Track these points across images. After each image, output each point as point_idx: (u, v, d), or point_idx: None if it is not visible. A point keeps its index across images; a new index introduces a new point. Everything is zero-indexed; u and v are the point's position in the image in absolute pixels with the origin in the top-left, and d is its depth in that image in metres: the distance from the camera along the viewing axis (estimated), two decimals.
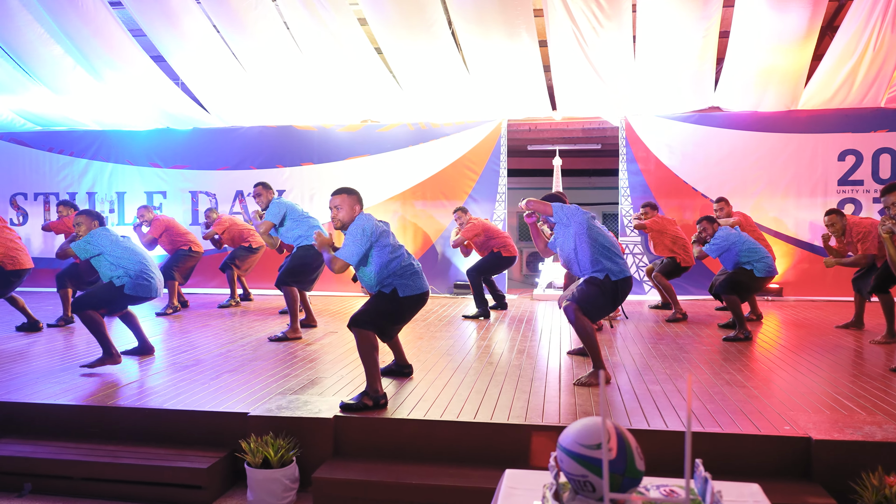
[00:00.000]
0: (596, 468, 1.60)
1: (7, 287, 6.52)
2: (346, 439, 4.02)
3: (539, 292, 10.01)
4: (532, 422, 3.97)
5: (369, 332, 4.30)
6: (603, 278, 4.76)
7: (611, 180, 12.91)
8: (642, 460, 1.66)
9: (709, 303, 9.15)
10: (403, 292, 4.39)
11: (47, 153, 11.23)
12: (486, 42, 8.52)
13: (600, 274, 4.77)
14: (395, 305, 4.39)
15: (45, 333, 6.94)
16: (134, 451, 4.06)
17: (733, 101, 9.51)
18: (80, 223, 5.42)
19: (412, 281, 4.43)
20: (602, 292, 4.75)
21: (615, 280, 4.77)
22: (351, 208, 4.47)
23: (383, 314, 4.39)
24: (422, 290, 4.48)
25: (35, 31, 8.92)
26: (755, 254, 6.66)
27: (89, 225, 5.43)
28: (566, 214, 4.84)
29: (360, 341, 4.28)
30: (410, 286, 4.41)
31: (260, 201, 6.99)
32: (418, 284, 4.45)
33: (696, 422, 3.91)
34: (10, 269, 6.44)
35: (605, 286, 4.76)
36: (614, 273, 4.77)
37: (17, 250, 6.49)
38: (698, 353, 5.91)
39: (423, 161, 10.31)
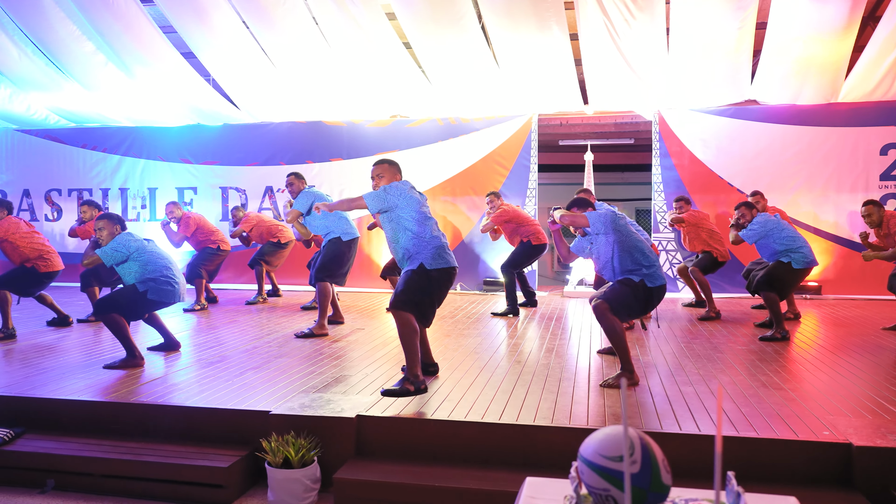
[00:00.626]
0: (618, 482, 1.50)
1: (38, 286, 6.60)
2: (368, 439, 3.94)
3: (570, 289, 9.86)
4: (559, 423, 3.86)
5: (409, 315, 4.30)
6: (638, 282, 4.63)
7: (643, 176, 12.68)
8: (669, 474, 1.55)
9: (744, 301, 8.93)
10: (431, 265, 4.38)
11: (81, 149, 11.36)
12: (516, 35, 8.39)
13: (636, 277, 4.64)
14: (426, 279, 4.38)
15: (74, 329, 7.00)
16: (155, 448, 4.03)
17: (770, 94, 9.26)
18: (101, 228, 5.36)
19: (440, 254, 4.44)
20: (634, 295, 4.62)
21: (650, 287, 4.64)
22: (392, 177, 4.65)
23: (416, 290, 4.37)
24: (449, 264, 4.47)
25: (67, 28, 9.00)
26: (793, 242, 6.45)
27: (111, 230, 5.36)
28: (603, 223, 4.73)
29: (400, 325, 4.30)
30: (438, 260, 4.41)
31: (292, 190, 7.05)
32: (446, 259, 4.47)
33: (730, 426, 3.77)
34: (43, 271, 6.53)
35: (638, 290, 4.62)
36: (650, 279, 4.64)
37: (49, 253, 6.60)
38: (733, 353, 5.73)
39: (452, 156, 10.21)
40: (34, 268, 6.50)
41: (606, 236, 4.72)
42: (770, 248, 6.53)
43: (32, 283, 6.54)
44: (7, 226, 6.44)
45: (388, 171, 4.66)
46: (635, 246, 4.68)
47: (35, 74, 10.04)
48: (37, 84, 10.30)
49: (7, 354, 5.78)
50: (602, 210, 4.84)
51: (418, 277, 4.38)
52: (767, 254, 6.61)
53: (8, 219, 6.51)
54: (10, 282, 6.46)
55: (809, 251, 6.50)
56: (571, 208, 5.00)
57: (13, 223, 6.48)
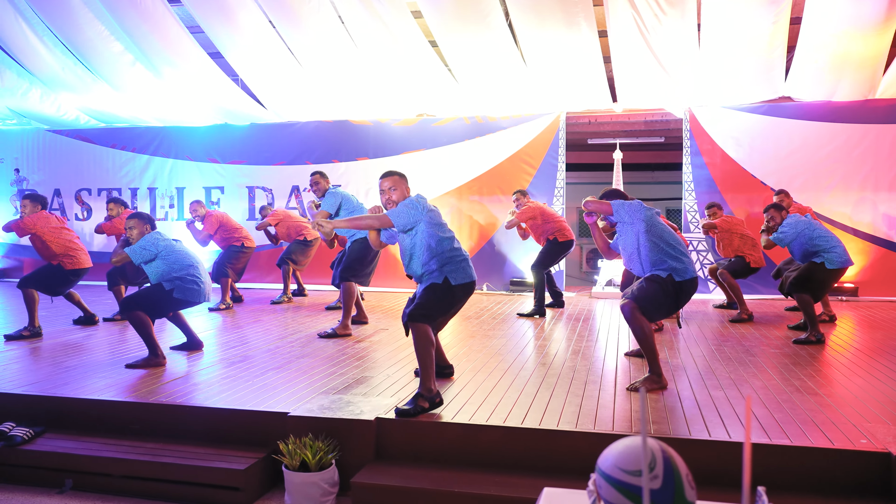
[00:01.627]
0: (637, 498, 1.39)
1: (66, 285, 6.62)
2: (387, 443, 3.87)
3: (598, 290, 9.70)
4: (584, 428, 3.74)
5: (426, 327, 4.14)
6: (665, 277, 4.48)
7: (673, 175, 12.46)
8: (694, 490, 1.44)
9: (777, 302, 8.71)
10: (455, 280, 4.24)
11: (110, 149, 11.46)
12: (544, 33, 8.26)
13: (663, 272, 4.49)
14: (449, 295, 4.24)
15: (100, 327, 7.02)
16: (173, 449, 3.99)
17: (805, 91, 9.02)
18: (132, 227, 5.38)
19: (462, 268, 4.29)
20: (664, 291, 4.47)
21: (679, 281, 4.48)
22: (404, 189, 4.44)
23: (438, 306, 4.23)
24: (471, 278, 4.34)
25: (95, 28, 9.07)
26: (826, 241, 6.23)
27: (142, 229, 5.39)
28: (628, 212, 4.60)
29: (416, 337, 4.13)
30: (461, 274, 4.27)
31: (317, 189, 6.98)
32: (468, 272, 4.33)
33: (763, 433, 3.63)
34: (69, 269, 6.54)
35: (666, 285, 4.47)
36: (678, 272, 4.49)
37: (76, 250, 6.60)
38: (765, 356, 5.56)
39: (479, 155, 10.12)
40: (60, 265, 6.52)
41: (632, 226, 4.59)
42: (802, 248, 6.33)
43: (59, 281, 6.56)
44: (37, 220, 6.48)
45: (400, 184, 4.43)
46: (661, 237, 4.54)
47: (64, 75, 10.14)
48: (66, 85, 10.41)
49: (32, 353, 5.80)
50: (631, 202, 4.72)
51: (443, 293, 4.23)
52: (799, 255, 6.40)
53: (40, 213, 6.54)
54: (38, 281, 6.50)
55: (843, 251, 6.27)
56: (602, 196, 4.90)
57: (43, 217, 6.52)
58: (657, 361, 4.49)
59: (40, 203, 6.63)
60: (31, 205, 6.57)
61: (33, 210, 6.56)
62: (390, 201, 4.40)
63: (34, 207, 6.57)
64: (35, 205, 6.58)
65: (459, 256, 4.31)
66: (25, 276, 6.57)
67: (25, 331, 6.36)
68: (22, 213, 6.61)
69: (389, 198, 4.41)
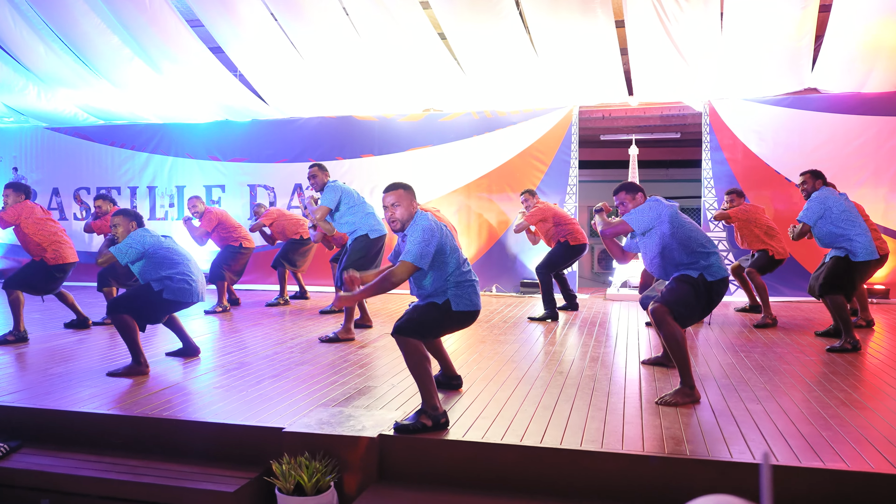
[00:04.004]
0: None
1: (51, 282, 6.24)
2: (391, 462, 3.48)
3: (613, 292, 9.30)
4: (610, 448, 3.35)
5: (416, 341, 3.72)
6: (697, 277, 4.10)
7: (690, 172, 12.06)
8: None
9: (803, 305, 8.30)
10: (457, 306, 3.80)
11: (109, 147, 11.13)
12: (557, 22, 7.87)
13: (694, 272, 4.12)
14: (446, 318, 3.81)
15: (91, 332, 6.65)
16: (157, 467, 3.62)
17: (833, 82, 8.61)
18: (117, 224, 5.01)
19: (469, 294, 3.84)
20: (695, 293, 4.09)
21: (711, 281, 4.10)
22: (410, 204, 3.83)
23: (430, 325, 3.81)
24: (476, 307, 3.88)
25: (91, 21, 8.73)
26: (853, 226, 5.59)
27: (127, 226, 5.01)
28: (648, 221, 4.23)
29: (406, 352, 3.70)
30: (465, 300, 3.83)
31: (314, 183, 6.47)
32: (474, 300, 3.86)
33: (812, 454, 3.23)
34: (52, 265, 6.16)
35: (698, 286, 4.10)
36: (710, 272, 4.11)
37: (60, 244, 6.20)
38: (800, 364, 5.15)
39: (488, 151, 9.73)
40: (43, 261, 6.14)
41: (656, 229, 4.23)
42: (828, 230, 5.68)
43: (43, 278, 6.17)
44: (20, 210, 6.08)
45: (405, 199, 3.81)
46: (689, 236, 4.17)
47: (62, 71, 9.83)
48: (64, 81, 10.09)
49: (15, 360, 5.44)
50: (646, 204, 4.34)
51: (440, 315, 3.79)
52: (825, 237, 5.74)
53: (24, 203, 6.14)
54: (21, 281, 6.11)
55: (870, 241, 5.63)
56: (619, 193, 4.51)
57: (28, 207, 6.12)
58: (690, 372, 4.08)
59: (24, 193, 6.21)
60: (13, 194, 6.15)
61: (16, 200, 6.15)
62: (394, 219, 3.82)
63: (17, 197, 6.16)
64: (18, 194, 6.17)
65: (469, 281, 3.86)
66: (9, 277, 6.18)
67: (10, 335, 5.99)
68: (4, 203, 6.20)
69: (392, 214, 3.81)
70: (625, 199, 4.47)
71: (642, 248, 4.39)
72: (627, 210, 4.44)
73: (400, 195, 3.81)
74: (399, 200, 3.80)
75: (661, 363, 5.01)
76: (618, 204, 4.51)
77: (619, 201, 4.50)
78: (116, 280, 6.78)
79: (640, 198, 4.46)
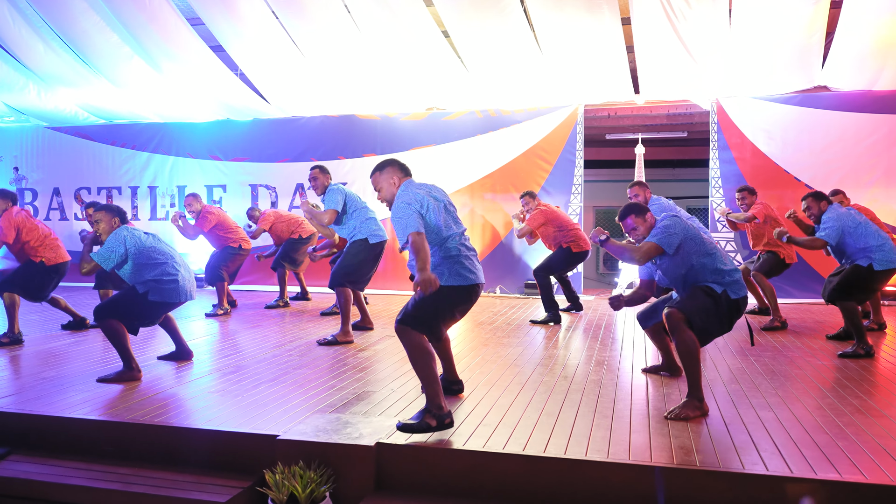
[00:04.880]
0: None
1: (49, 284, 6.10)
2: (389, 472, 3.35)
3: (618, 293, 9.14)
4: (616, 458, 3.22)
5: (419, 337, 3.59)
6: (721, 292, 3.90)
7: (697, 171, 11.91)
8: None
9: (813, 307, 8.15)
10: (447, 281, 3.66)
11: (110, 146, 11.04)
12: (563, 18, 7.74)
13: (718, 287, 3.92)
14: (439, 298, 3.63)
15: (88, 333, 6.53)
16: (148, 476, 3.49)
17: (843, 80, 8.45)
18: (99, 220, 4.81)
19: (458, 268, 3.69)
20: (717, 307, 3.88)
21: (735, 298, 3.91)
22: (389, 183, 3.83)
23: (426, 310, 3.64)
24: (469, 281, 3.70)
25: (90, 18, 8.62)
26: (875, 238, 5.45)
27: (109, 222, 4.80)
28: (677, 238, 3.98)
29: (409, 347, 3.58)
30: (455, 275, 3.68)
31: (315, 186, 6.30)
32: (465, 274, 3.69)
33: (829, 465, 3.09)
34: (50, 265, 6.04)
35: (720, 302, 3.89)
36: (734, 289, 3.92)
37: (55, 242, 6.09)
38: (812, 369, 5.00)
39: (492, 151, 9.60)
40: (42, 262, 5.98)
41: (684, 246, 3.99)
42: (848, 245, 5.56)
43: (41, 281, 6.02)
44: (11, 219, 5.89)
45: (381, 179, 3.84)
46: (710, 253, 3.97)
47: (62, 70, 9.74)
48: (64, 80, 10.00)
49: (8, 363, 5.31)
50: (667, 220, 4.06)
51: (435, 295, 3.64)
52: (847, 253, 5.61)
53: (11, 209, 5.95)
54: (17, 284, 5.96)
55: (893, 249, 5.51)
56: (626, 218, 4.19)
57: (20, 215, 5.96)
58: (700, 384, 3.86)
59: (10, 199, 6.04)
60: (1, 202, 6.00)
61: (4, 207, 5.97)
62: (382, 199, 3.88)
63: (4, 204, 5.98)
64: (5, 201, 6.00)
65: (460, 255, 3.71)
66: (4, 279, 6.04)
67: (4, 337, 5.86)
68: None
69: (380, 196, 3.89)
70: (635, 222, 4.18)
71: (662, 268, 4.14)
72: (640, 235, 4.17)
73: (377, 178, 3.90)
74: (379, 183, 3.89)
75: (665, 370, 4.79)
76: (628, 231, 4.22)
77: (629, 227, 4.19)
78: (113, 282, 6.65)
79: (650, 217, 4.20)
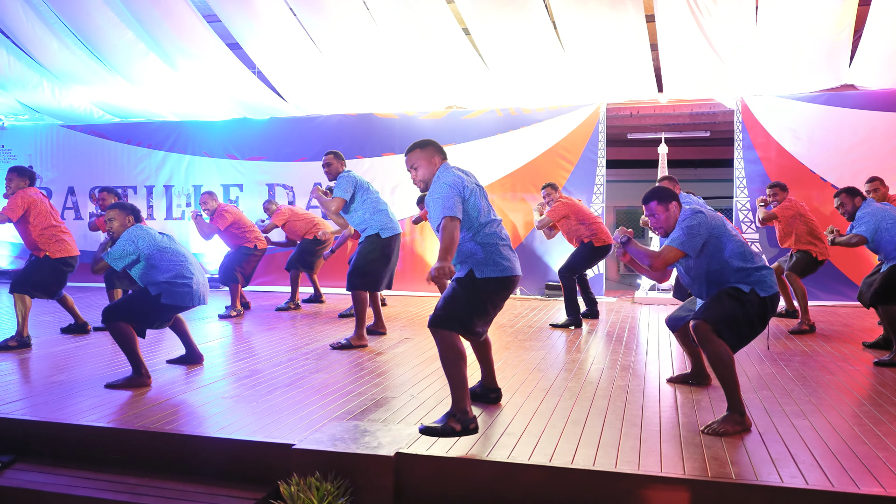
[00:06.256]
0: None
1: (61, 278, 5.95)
2: (409, 483, 3.22)
3: (641, 295, 8.97)
4: (648, 470, 3.06)
5: (454, 336, 3.46)
6: (749, 292, 3.65)
7: (720, 172, 11.70)
8: None
9: (840, 310, 7.94)
10: (482, 273, 3.54)
11: (125, 145, 10.96)
12: (586, 15, 7.57)
13: (746, 286, 3.67)
14: (474, 291, 3.53)
15: (92, 337, 6.34)
16: (158, 486, 3.37)
17: (871, 78, 8.23)
18: (112, 218, 4.70)
19: (494, 258, 3.56)
20: (745, 309, 3.63)
21: (765, 297, 3.66)
22: (429, 163, 3.72)
23: (466, 306, 3.53)
24: (506, 272, 3.58)
25: (105, 15, 8.54)
26: None
27: (123, 220, 4.69)
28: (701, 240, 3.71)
29: (442, 349, 3.46)
30: (491, 266, 3.55)
31: (329, 171, 6.16)
32: (502, 264, 3.58)
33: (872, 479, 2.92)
34: (57, 258, 5.86)
35: (751, 303, 3.64)
36: (763, 287, 3.67)
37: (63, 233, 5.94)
38: (846, 375, 4.82)
39: (512, 150, 9.43)
40: (47, 256, 5.82)
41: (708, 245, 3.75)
42: (888, 241, 5.28)
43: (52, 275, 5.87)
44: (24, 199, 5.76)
45: (422, 157, 3.71)
46: (740, 250, 3.73)
47: (76, 67, 9.66)
48: (78, 77, 9.93)
49: (14, 367, 5.19)
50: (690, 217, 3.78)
51: (464, 288, 3.54)
52: (888, 250, 5.32)
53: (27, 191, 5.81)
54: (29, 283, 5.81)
55: None
56: (649, 202, 3.89)
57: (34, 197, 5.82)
58: (739, 396, 3.61)
59: (28, 178, 5.87)
60: (17, 179, 5.80)
61: (19, 185, 5.80)
62: (417, 181, 3.75)
63: (21, 181, 5.81)
64: (22, 179, 5.81)
65: (492, 243, 3.59)
66: (15, 279, 5.89)
67: (12, 341, 5.71)
68: (7, 189, 5.80)
69: (415, 177, 3.76)
70: (657, 210, 3.84)
71: (685, 266, 3.89)
72: (660, 222, 3.86)
73: (416, 155, 3.75)
74: (416, 161, 3.74)
75: (691, 381, 4.56)
76: (648, 215, 3.93)
77: (650, 211, 3.89)
78: (120, 281, 6.52)
79: (674, 208, 3.84)
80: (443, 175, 3.63)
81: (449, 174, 3.63)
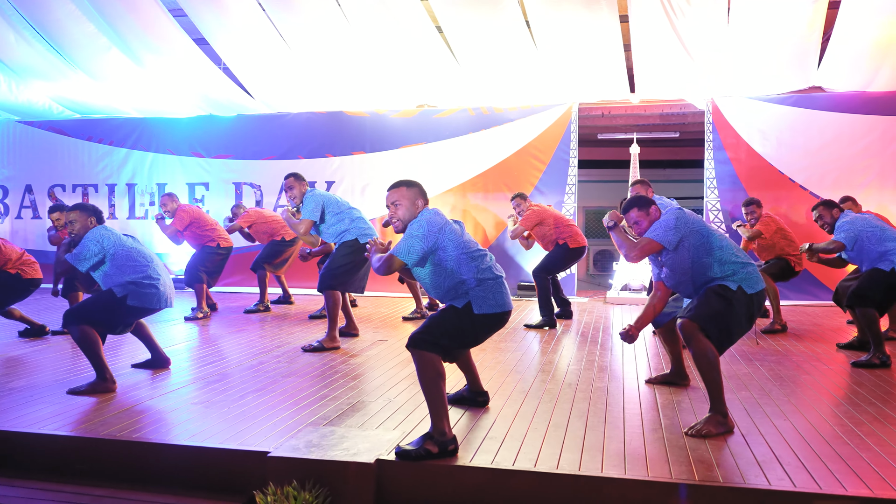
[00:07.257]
0: None
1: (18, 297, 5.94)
2: (391, 490, 3.11)
3: (613, 295, 8.96)
4: (634, 474, 3.01)
5: (433, 356, 3.34)
6: (736, 289, 3.64)
7: (690, 172, 11.77)
8: None
9: (809, 309, 8.01)
10: (480, 308, 3.42)
11: (86, 142, 10.65)
12: (559, 15, 7.52)
13: (732, 283, 3.66)
14: (468, 324, 3.43)
15: (50, 341, 6.10)
16: (124, 497, 3.22)
17: (839, 81, 8.32)
18: (73, 220, 4.52)
19: (492, 294, 3.45)
20: (732, 308, 3.61)
21: (751, 293, 3.65)
22: (412, 204, 3.53)
23: (450, 334, 3.42)
24: (503, 307, 3.48)
25: (65, 7, 8.23)
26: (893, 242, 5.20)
27: (84, 222, 4.52)
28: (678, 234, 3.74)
29: (420, 368, 3.32)
30: (490, 301, 3.44)
31: (292, 195, 5.99)
32: (499, 300, 3.47)
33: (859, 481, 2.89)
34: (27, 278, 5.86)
35: (737, 299, 3.62)
36: (749, 282, 3.66)
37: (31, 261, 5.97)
38: (821, 375, 4.83)
39: (484, 149, 9.36)
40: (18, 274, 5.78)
41: (686, 240, 3.75)
42: (868, 252, 5.30)
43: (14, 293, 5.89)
44: None
45: (406, 198, 3.53)
46: (722, 245, 3.73)
47: (35, 61, 9.32)
48: (38, 72, 9.60)
49: None
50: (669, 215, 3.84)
51: (458, 319, 3.43)
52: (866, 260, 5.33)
53: None
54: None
55: None
56: (629, 210, 3.97)
57: None
58: (722, 397, 3.58)
59: None
60: None
61: None
62: (395, 218, 3.53)
63: None
64: None
65: (491, 279, 3.47)
66: None
67: None
68: None
69: (394, 213, 3.53)
70: (638, 217, 3.94)
71: (668, 264, 3.88)
72: (642, 228, 3.93)
73: (402, 193, 3.54)
74: (400, 199, 3.54)
75: (670, 382, 4.55)
76: (631, 224, 3.99)
77: (631, 220, 3.97)
78: (83, 285, 6.31)
79: (654, 211, 3.95)
80: (426, 213, 3.48)
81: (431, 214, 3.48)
